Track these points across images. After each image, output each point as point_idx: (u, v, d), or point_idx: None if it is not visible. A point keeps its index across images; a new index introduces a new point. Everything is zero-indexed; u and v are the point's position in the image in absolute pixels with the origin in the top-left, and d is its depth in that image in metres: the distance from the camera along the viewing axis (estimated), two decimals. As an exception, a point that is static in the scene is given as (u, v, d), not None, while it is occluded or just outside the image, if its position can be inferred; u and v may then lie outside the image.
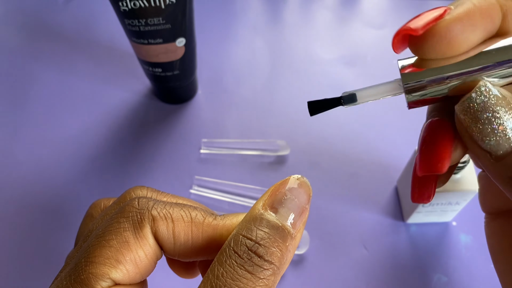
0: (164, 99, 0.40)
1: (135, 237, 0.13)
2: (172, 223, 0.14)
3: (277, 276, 0.13)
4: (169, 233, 0.14)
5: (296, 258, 0.31)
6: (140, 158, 0.37)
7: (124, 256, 0.13)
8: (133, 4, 0.30)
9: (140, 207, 0.14)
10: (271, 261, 0.13)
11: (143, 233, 0.13)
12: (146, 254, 0.14)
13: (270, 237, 0.13)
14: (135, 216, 0.14)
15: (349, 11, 0.49)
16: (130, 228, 0.13)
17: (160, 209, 0.14)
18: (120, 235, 0.13)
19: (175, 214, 0.14)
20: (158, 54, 0.34)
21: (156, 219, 0.14)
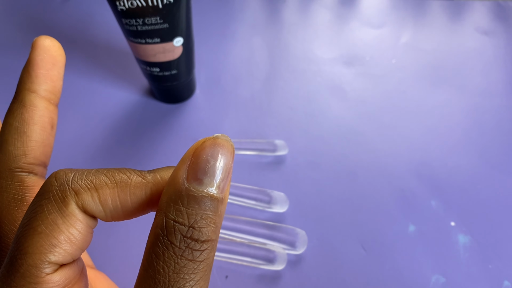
0: (161, 99, 0.40)
1: (62, 216, 0.13)
2: (96, 192, 0.13)
3: (215, 248, 0.13)
4: (96, 203, 0.13)
5: (294, 258, 0.31)
6: (138, 158, 0.36)
7: (57, 238, 0.13)
8: (131, 4, 0.30)
9: (59, 183, 0.13)
10: (208, 239, 0.12)
11: (69, 211, 0.13)
12: (79, 230, 0.13)
13: (203, 215, 0.12)
14: (56, 195, 0.13)
15: (348, 10, 0.49)
16: (54, 209, 0.13)
17: (80, 181, 0.13)
18: (46, 219, 0.13)
19: (97, 181, 0.13)
20: (156, 54, 0.34)
21: (79, 192, 0.13)
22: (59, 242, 0.13)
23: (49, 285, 0.12)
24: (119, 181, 0.14)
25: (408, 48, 0.45)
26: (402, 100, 0.40)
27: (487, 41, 0.46)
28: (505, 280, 0.29)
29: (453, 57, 0.44)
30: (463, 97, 0.41)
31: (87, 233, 0.13)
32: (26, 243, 0.12)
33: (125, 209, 0.14)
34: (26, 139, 0.17)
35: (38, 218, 0.13)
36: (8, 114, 0.17)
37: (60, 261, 0.13)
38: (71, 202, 0.13)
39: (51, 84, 0.18)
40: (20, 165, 0.17)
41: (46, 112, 0.18)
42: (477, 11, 0.49)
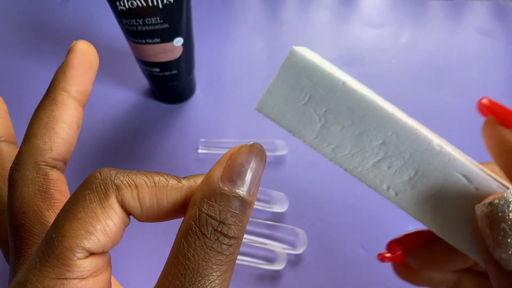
0: (162, 99, 0.40)
1: (101, 207, 0.14)
2: (136, 189, 0.14)
3: (240, 246, 0.14)
4: (135, 199, 0.14)
5: (294, 258, 0.31)
6: (138, 158, 0.36)
7: (94, 226, 0.13)
8: (131, 4, 0.30)
9: (103, 177, 0.14)
10: (235, 236, 0.14)
11: (109, 203, 0.14)
12: (115, 223, 0.14)
13: (232, 214, 0.13)
14: (99, 187, 0.14)
15: (348, 10, 0.49)
16: (95, 200, 0.14)
17: (122, 177, 0.14)
18: (87, 207, 0.14)
19: (137, 180, 0.14)
20: (156, 54, 0.34)
21: (120, 187, 0.14)
22: (95, 230, 0.13)
23: (79, 269, 0.13)
24: (158, 182, 0.15)
25: (408, 48, 0.45)
26: (402, 100, 0.40)
27: (487, 41, 0.46)
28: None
29: (453, 57, 0.44)
30: (463, 97, 0.41)
31: (120, 228, 0.14)
32: (65, 227, 0.13)
33: (160, 209, 0.15)
34: (54, 135, 0.18)
35: (79, 205, 0.14)
36: (39, 109, 0.18)
37: (92, 249, 0.13)
38: (112, 195, 0.14)
39: (84, 87, 0.19)
40: (45, 159, 0.17)
41: (75, 112, 0.19)
42: (477, 11, 0.49)
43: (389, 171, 0.13)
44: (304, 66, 0.13)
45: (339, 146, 0.13)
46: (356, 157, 0.13)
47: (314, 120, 0.13)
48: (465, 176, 0.13)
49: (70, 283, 0.13)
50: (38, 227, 0.16)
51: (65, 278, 0.13)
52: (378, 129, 0.13)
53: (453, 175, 0.13)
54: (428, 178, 0.13)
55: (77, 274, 0.13)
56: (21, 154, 0.18)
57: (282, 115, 0.13)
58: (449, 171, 0.13)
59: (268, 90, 0.14)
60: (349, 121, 0.13)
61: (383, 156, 0.13)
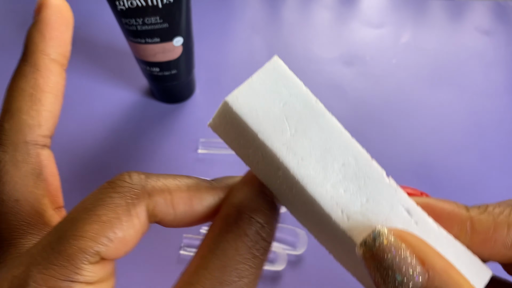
0: (161, 99, 0.40)
1: (128, 215, 0.13)
2: (170, 195, 0.13)
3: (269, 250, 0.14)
4: (168, 206, 0.13)
5: (294, 258, 0.31)
6: (137, 158, 0.36)
7: (116, 233, 0.12)
8: (130, 4, 0.30)
9: (134, 182, 0.13)
10: (270, 241, 0.13)
11: (137, 211, 0.13)
12: (136, 232, 0.13)
13: (271, 219, 0.13)
14: (129, 192, 0.13)
15: (348, 10, 0.49)
16: (123, 205, 0.13)
17: (155, 182, 0.13)
18: (113, 212, 0.12)
19: (170, 185, 0.14)
20: (156, 54, 0.34)
21: (153, 194, 0.13)
22: (116, 238, 0.12)
23: (89, 273, 0.12)
24: (191, 185, 0.14)
25: (409, 48, 0.45)
26: (402, 100, 0.40)
27: (487, 41, 0.46)
28: (505, 280, 0.29)
29: (453, 57, 0.44)
30: (463, 97, 0.41)
31: (139, 238, 0.13)
32: (85, 228, 0.12)
33: (194, 214, 0.14)
34: (40, 107, 0.16)
35: (105, 208, 0.13)
36: (19, 78, 0.16)
37: (106, 255, 0.12)
38: (142, 203, 0.13)
39: (65, 48, 0.17)
40: (35, 137, 0.15)
41: (60, 79, 0.16)
42: (478, 11, 0.49)
43: (345, 195, 0.13)
44: (285, 76, 0.14)
45: (304, 159, 0.13)
46: (319, 175, 0.13)
47: (285, 127, 0.13)
48: (407, 209, 0.13)
49: (76, 286, 0.12)
50: (35, 216, 0.15)
51: (71, 281, 0.12)
52: (340, 150, 0.13)
53: (398, 207, 0.13)
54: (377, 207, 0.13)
55: (85, 278, 0.12)
56: (6, 132, 0.15)
57: (254, 113, 0.13)
58: (395, 202, 0.13)
59: (244, 85, 0.13)
60: (317, 137, 0.13)
61: (341, 179, 0.13)
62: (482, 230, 0.14)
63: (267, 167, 0.13)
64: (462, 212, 0.14)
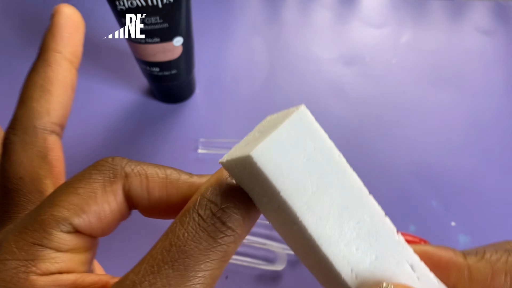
0: (161, 99, 0.40)
1: (103, 190, 0.13)
2: (146, 179, 0.14)
3: (237, 244, 0.13)
4: (143, 189, 0.14)
5: (294, 258, 0.31)
6: (137, 158, 0.36)
7: (89, 206, 0.13)
8: (130, 3, 0.30)
9: (115, 163, 0.14)
10: (233, 228, 0.13)
11: (113, 188, 0.14)
12: (111, 210, 0.14)
13: (236, 205, 0.13)
14: (108, 171, 0.14)
15: (348, 10, 0.49)
16: (100, 181, 0.13)
17: (134, 166, 0.14)
18: (89, 185, 0.13)
19: (149, 171, 0.14)
20: (156, 54, 0.34)
21: (130, 175, 0.14)
22: (89, 210, 0.13)
23: (59, 240, 0.13)
24: (170, 175, 0.14)
25: (408, 48, 0.45)
26: (402, 100, 0.40)
27: (487, 41, 0.46)
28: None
29: (453, 57, 0.44)
30: (463, 97, 0.41)
31: (115, 218, 0.14)
32: (61, 197, 0.13)
33: (169, 203, 0.14)
34: (50, 97, 0.17)
35: (82, 182, 0.13)
36: (33, 72, 0.18)
37: (80, 227, 0.13)
38: (118, 182, 0.14)
39: (75, 48, 0.19)
40: (43, 123, 0.17)
41: (69, 74, 0.18)
42: (478, 11, 0.49)
43: (356, 253, 0.13)
44: (310, 128, 0.13)
45: (322, 218, 0.13)
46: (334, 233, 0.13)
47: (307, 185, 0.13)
48: (411, 265, 0.14)
49: (44, 251, 0.12)
50: (35, 194, 0.16)
51: (40, 245, 0.12)
52: (357, 207, 0.13)
53: (403, 263, 0.14)
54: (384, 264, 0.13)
55: (54, 245, 0.13)
56: (18, 117, 0.17)
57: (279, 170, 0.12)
58: (401, 259, 0.14)
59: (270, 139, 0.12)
60: (337, 194, 0.13)
61: (355, 237, 0.13)
62: (480, 278, 0.14)
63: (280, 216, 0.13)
64: (459, 260, 0.15)
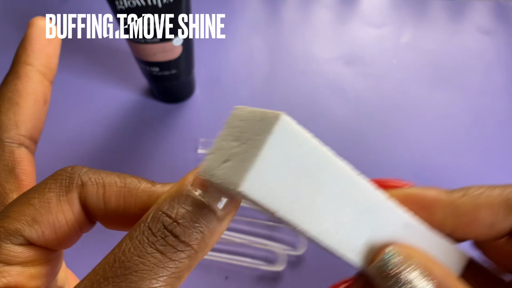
0: (161, 99, 0.40)
1: (57, 199, 0.13)
2: (103, 188, 0.13)
3: (193, 260, 0.12)
4: (99, 198, 0.13)
5: (294, 259, 0.31)
6: (137, 158, 0.36)
7: (42, 216, 0.13)
8: (130, 3, 0.30)
9: (71, 172, 0.14)
10: (188, 243, 0.11)
11: (68, 198, 0.13)
12: (67, 220, 0.13)
13: (192, 217, 0.11)
14: (64, 180, 0.13)
15: (348, 10, 0.49)
16: (55, 190, 0.13)
17: (91, 175, 0.14)
18: (43, 195, 0.13)
19: (107, 179, 0.14)
20: (155, 53, 0.34)
21: (86, 184, 0.13)
22: (42, 220, 0.13)
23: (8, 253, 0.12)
24: (129, 183, 0.14)
25: (409, 48, 0.45)
26: (403, 100, 0.40)
27: (487, 41, 0.45)
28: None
29: (453, 57, 0.44)
30: (463, 97, 0.41)
31: (72, 229, 0.13)
32: (14, 208, 0.13)
33: (126, 213, 0.13)
34: (18, 110, 0.17)
35: (36, 192, 0.13)
36: (2, 85, 0.17)
37: (32, 239, 0.13)
38: (74, 190, 0.13)
39: (47, 60, 0.18)
40: (11, 136, 0.16)
41: (40, 86, 0.18)
42: (478, 11, 0.49)
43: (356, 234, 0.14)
44: (295, 137, 0.12)
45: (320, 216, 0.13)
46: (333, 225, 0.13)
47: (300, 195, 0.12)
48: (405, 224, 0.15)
49: None
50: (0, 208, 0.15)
51: None
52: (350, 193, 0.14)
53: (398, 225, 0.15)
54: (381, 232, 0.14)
55: (2, 257, 0.12)
56: None
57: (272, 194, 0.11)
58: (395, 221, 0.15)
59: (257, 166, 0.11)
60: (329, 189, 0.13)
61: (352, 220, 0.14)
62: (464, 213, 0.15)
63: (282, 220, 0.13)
64: (443, 198, 0.15)
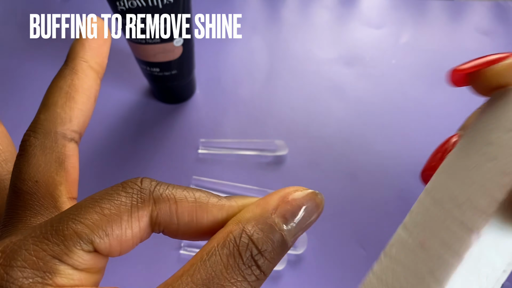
0: (162, 99, 0.40)
1: (129, 215, 0.13)
2: (175, 204, 0.14)
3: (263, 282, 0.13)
4: (172, 215, 0.14)
5: (294, 258, 0.31)
6: (138, 158, 0.36)
7: (113, 230, 0.13)
8: (131, 4, 0.30)
9: (143, 186, 0.14)
10: (265, 272, 0.13)
11: (139, 215, 0.13)
12: (133, 235, 0.13)
13: (274, 251, 0.13)
14: (136, 195, 0.14)
15: (348, 10, 0.49)
16: (127, 205, 0.13)
17: (162, 190, 0.14)
18: (116, 208, 0.13)
19: (178, 194, 0.14)
20: (156, 54, 0.34)
21: (159, 200, 0.14)
22: (112, 234, 0.13)
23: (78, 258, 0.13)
24: (198, 198, 0.14)
25: (408, 49, 0.45)
26: (402, 101, 0.40)
27: (487, 42, 0.46)
28: (506, 281, 0.29)
29: (453, 58, 0.44)
30: (463, 97, 0.41)
31: (134, 243, 0.14)
32: (86, 215, 0.13)
33: (198, 227, 0.14)
34: (74, 104, 0.17)
35: (110, 203, 0.13)
36: (59, 78, 0.18)
37: (100, 248, 0.13)
38: (145, 208, 0.13)
39: (101, 59, 0.19)
40: (65, 130, 0.17)
41: (94, 84, 0.19)
42: (477, 11, 0.49)
43: None
44: None
45: None
46: None
47: None
48: None
49: (62, 266, 0.12)
50: (48, 199, 0.15)
51: (59, 259, 0.12)
52: None
53: None
54: None
55: (72, 262, 0.12)
56: (40, 121, 0.17)
57: None
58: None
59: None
60: None
61: None
62: None
63: None
64: None
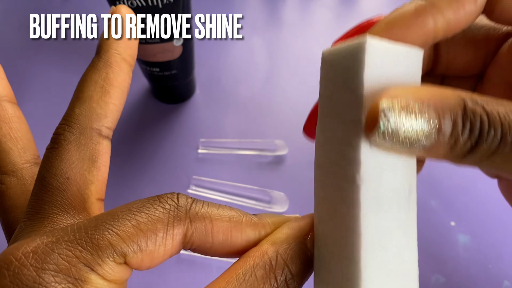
0: (162, 99, 0.40)
1: (165, 233, 0.13)
2: (211, 224, 0.14)
3: None
4: (207, 234, 0.14)
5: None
6: (138, 158, 0.36)
7: (147, 245, 0.13)
8: (130, 4, 0.30)
9: (180, 203, 0.14)
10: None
11: (173, 233, 0.13)
12: (165, 252, 0.13)
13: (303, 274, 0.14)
14: (173, 212, 0.13)
15: (348, 10, 0.49)
16: (164, 222, 0.13)
17: (198, 209, 0.14)
18: (153, 224, 0.13)
19: (213, 213, 0.14)
20: (156, 54, 0.34)
21: (195, 219, 0.14)
22: (146, 249, 0.13)
23: (109, 269, 0.12)
24: (233, 217, 0.14)
25: (408, 48, 0.45)
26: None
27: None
28: (505, 280, 0.29)
29: (453, 57, 0.44)
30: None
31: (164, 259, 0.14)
32: (123, 228, 0.13)
33: (232, 245, 0.14)
34: (109, 99, 0.17)
35: (148, 218, 0.13)
36: (93, 71, 0.17)
37: (130, 262, 0.13)
38: (181, 226, 0.13)
39: (133, 51, 0.18)
40: (100, 126, 0.17)
41: (128, 77, 0.18)
42: (477, 11, 0.49)
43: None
44: None
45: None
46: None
47: None
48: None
49: (92, 275, 0.12)
50: (78, 199, 0.15)
51: (91, 268, 0.12)
52: None
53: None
54: None
55: (103, 273, 0.12)
56: (76, 116, 0.16)
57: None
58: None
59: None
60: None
61: None
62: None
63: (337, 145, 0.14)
64: None
